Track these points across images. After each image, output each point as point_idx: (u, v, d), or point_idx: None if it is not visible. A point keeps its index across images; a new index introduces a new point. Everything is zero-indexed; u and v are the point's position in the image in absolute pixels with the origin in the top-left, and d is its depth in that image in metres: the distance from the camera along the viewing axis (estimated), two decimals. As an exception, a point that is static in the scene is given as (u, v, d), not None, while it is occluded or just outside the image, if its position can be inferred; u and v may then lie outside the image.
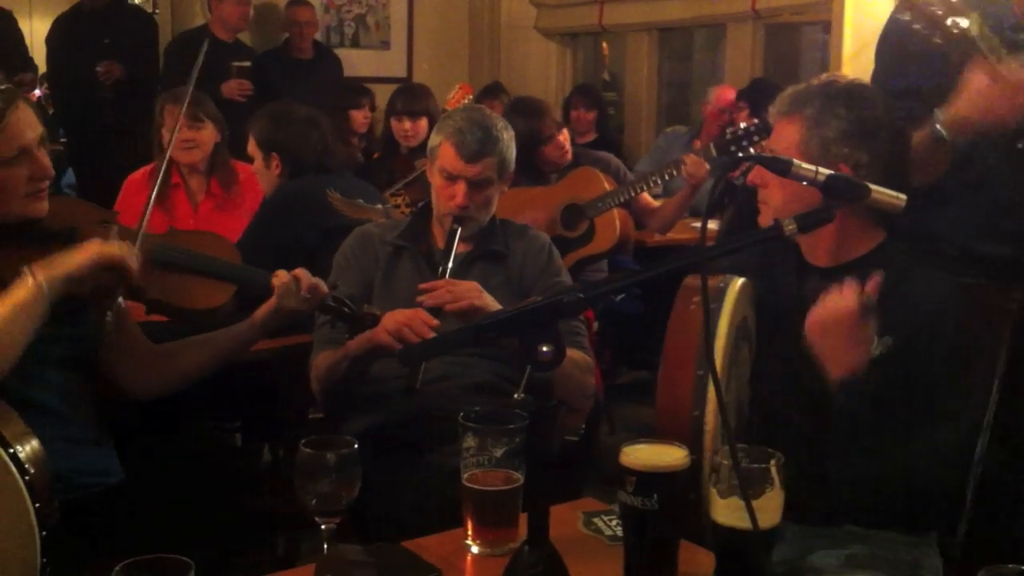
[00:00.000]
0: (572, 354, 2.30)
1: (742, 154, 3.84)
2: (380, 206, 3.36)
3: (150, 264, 2.19)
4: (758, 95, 5.30)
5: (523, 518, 1.62)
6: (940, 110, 2.05)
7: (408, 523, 1.91)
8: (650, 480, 1.46)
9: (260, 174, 3.46)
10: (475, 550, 1.66)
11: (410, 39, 7.13)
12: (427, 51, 7.18)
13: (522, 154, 2.79)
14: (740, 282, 1.84)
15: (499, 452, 1.65)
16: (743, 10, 5.80)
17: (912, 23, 2.00)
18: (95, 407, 2.20)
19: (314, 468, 1.54)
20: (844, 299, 1.74)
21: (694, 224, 4.98)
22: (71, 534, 1.77)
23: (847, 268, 1.97)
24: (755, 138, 3.94)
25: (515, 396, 1.45)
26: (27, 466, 1.47)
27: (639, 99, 6.73)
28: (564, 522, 1.69)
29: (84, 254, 1.97)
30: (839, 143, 1.92)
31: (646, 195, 4.43)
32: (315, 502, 1.55)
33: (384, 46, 7.06)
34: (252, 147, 3.45)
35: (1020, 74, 1.96)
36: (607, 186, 4.27)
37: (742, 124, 4.05)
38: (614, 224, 4.23)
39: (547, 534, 1.38)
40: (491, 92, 6.26)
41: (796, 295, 1.99)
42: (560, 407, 2.54)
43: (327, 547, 1.55)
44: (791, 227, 1.43)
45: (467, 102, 5.13)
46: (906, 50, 2.18)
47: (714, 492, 1.44)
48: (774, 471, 1.43)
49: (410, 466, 2.29)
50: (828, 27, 5.08)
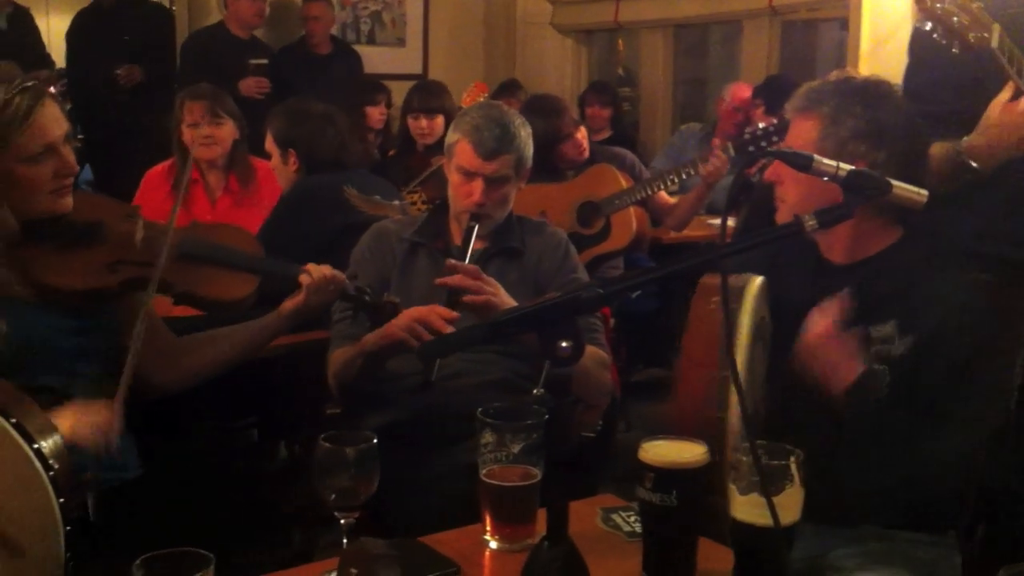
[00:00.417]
0: (589, 350, 2.29)
1: (764, 158, 3.83)
2: (396, 202, 3.37)
3: (178, 258, 2.20)
4: (774, 92, 5.28)
5: (541, 514, 1.63)
6: (968, 137, 2.06)
7: (425, 519, 1.91)
8: (669, 476, 1.46)
9: (277, 170, 3.47)
10: (493, 545, 1.67)
11: (426, 36, 7.13)
12: (443, 48, 7.18)
13: (539, 152, 2.79)
14: (759, 281, 1.83)
15: (517, 448, 1.65)
16: (759, 6, 5.78)
17: (931, 33, 2.00)
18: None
19: (333, 463, 1.54)
20: (822, 318, 1.76)
21: (709, 221, 4.97)
22: (92, 527, 1.78)
23: (864, 265, 1.98)
24: (774, 138, 3.93)
25: (534, 392, 1.45)
26: (51, 461, 1.48)
27: (654, 96, 6.71)
28: (582, 518, 1.69)
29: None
30: (855, 142, 1.92)
31: (662, 192, 4.42)
32: (334, 497, 1.55)
33: (400, 43, 7.06)
34: (269, 143, 3.46)
35: None
36: (623, 183, 4.26)
37: (760, 124, 4.04)
38: (630, 222, 4.22)
39: (566, 530, 1.38)
40: (507, 89, 6.26)
41: (812, 293, 1.99)
42: (578, 403, 2.54)
43: (346, 542, 1.56)
44: (811, 223, 1.43)
45: (482, 99, 5.13)
46: (936, 68, 2.18)
47: (733, 489, 1.44)
48: (794, 468, 1.43)
49: (427, 462, 2.29)
50: (845, 23, 5.05)
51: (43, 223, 2.09)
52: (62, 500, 1.50)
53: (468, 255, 2.48)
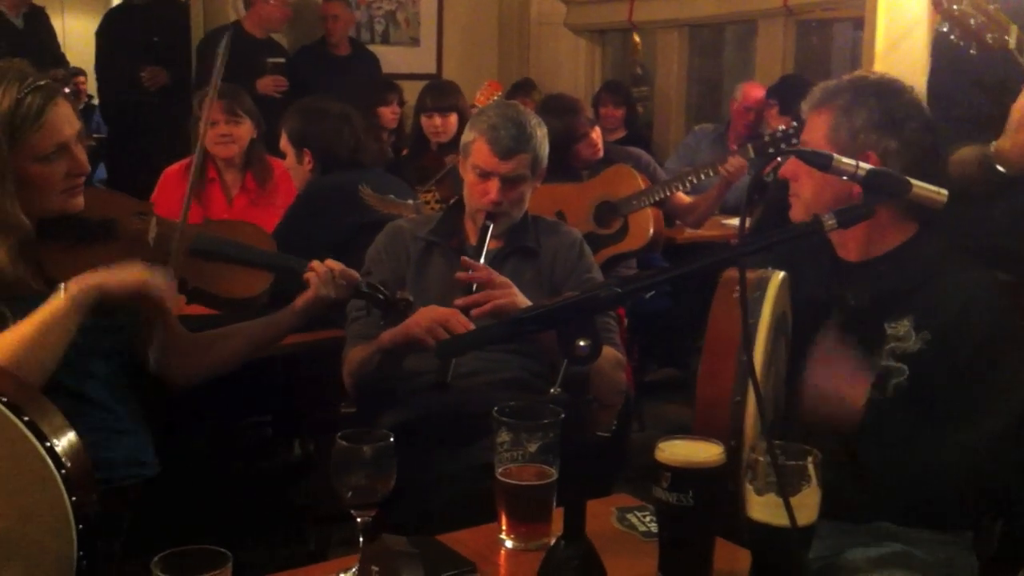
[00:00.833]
0: (604, 350, 2.29)
1: (781, 158, 3.82)
2: (411, 201, 3.37)
3: (190, 254, 2.21)
4: (788, 92, 5.26)
5: (556, 513, 1.63)
6: (996, 142, 2.05)
7: (440, 517, 1.91)
8: (686, 476, 1.45)
9: (292, 170, 3.47)
10: (509, 545, 1.66)
11: (439, 36, 7.13)
12: (456, 48, 7.18)
13: (555, 151, 2.78)
14: (781, 275, 1.82)
15: (533, 447, 1.65)
16: (774, 6, 5.76)
17: (949, 34, 2.00)
18: (137, 398, 2.22)
19: (350, 461, 1.54)
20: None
21: (724, 221, 4.97)
22: (108, 524, 1.79)
23: (879, 261, 1.97)
24: (793, 141, 3.93)
25: (551, 391, 1.45)
26: (64, 459, 1.48)
27: (669, 95, 6.71)
28: (597, 518, 1.68)
29: (126, 278, 1.99)
30: (867, 131, 1.92)
31: (679, 192, 4.42)
32: (351, 495, 1.55)
33: (414, 43, 7.06)
34: (284, 143, 3.46)
35: None
36: (641, 184, 4.25)
37: (781, 127, 4.03)
38: (647, 223, 4.22)
39: (583, 529, 1.37)
40: (522, 88, 6.27)
41: (828, 290, 1.99)
42: (595, 403, 2.54)
43: (363, 540, 1.56)
44: (831, 222, 1.42)
45: (497, 98, 5.13)
46: (960, 71, 2.18)
47: (750, 489, 1.43)
48: (811, 468, 1.43)
49: (442, 460, 2.29)
50: (860, 23, 5.03)
51: (57, 221, 2.09)
52: (74, 499, 1.50)
53: (483, 254, 2.48)
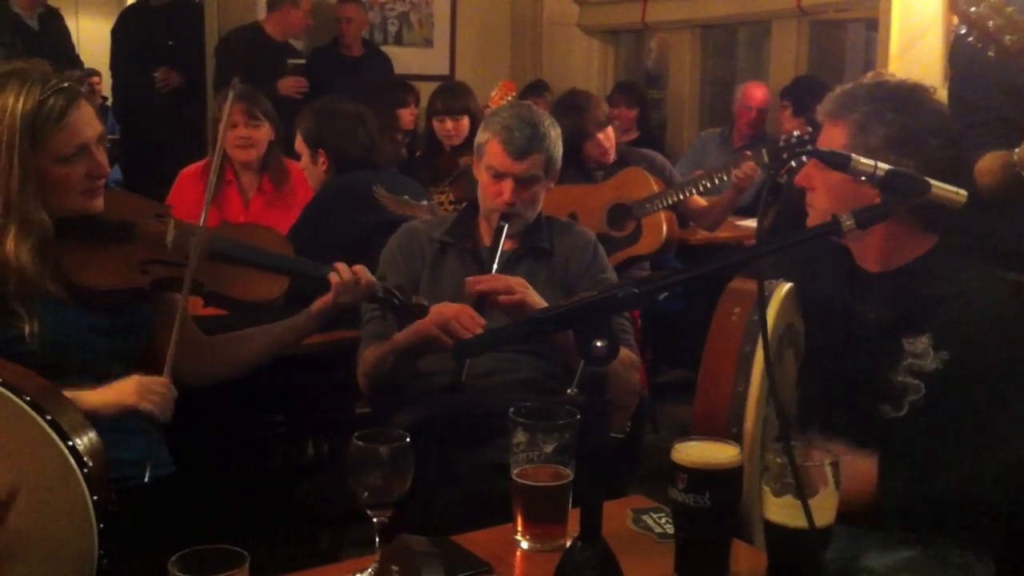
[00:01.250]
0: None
1: (795, 162, 3.80)
2: (425, 202, 3.37)
3: (208, 257, 2.21)
4: (802, 93, 5.26)
5: (572, 514, 1.62)
6: (1019, 148, 2.04)
7: (455, 517, 1.91)
8: (702, 478, 1.45)
9: (307, 170, 3.48)
10: (524, 546, 1.66)
11: (453, 37, 7.14)
12: (470, 48, 7.19)
13: (567, 151, 2.78)
14: (786, 288, 1.80)
15: (549, 448, 1.64)
16: (787, 7, 5.75)
17: (967, 37, 1.99)
18: None
19: (366, 461, 1.54)
20: None
21: (737, 223, 4.95)
22: (125, 525, 1.79)
23: (898, 273, 1.95)
24: (808, 147, 3.90)
25: (568, 391, 1.45)
26: (85, 458, 1.49)
27: (682, 96, 6.70)
28: (612, 519, 1.68)
29: (117, 399, 1.99)
30: (885, 150, 1.84)
31: (695, 195, 4.39)
32: (367, 495, 1.55)
33: (427, 44, 7.07)
34: (299, 144, 3.47)
35: None
36: (654, 187, 4.22)
37: (795, 132, 4.00)
38: (661, 226, 4.20)
39: (600, 530, 1.37)
40: (535, 89, 6.27)
41: (847, 300, 1.97)
42: (611, 403, 2.54)
43: (379, 540, 1.56)
44: (849, 223, 1.42)
45: (510, 99, 5.13)
46: (983, 75, 2.16)
47: (767, 490, 1.43)
48: (829, 470, 1.42)
49: (456, 461, 2.29)
50: (873, 24, 5.02)
51: (75, 222, 2.10)
52: (96, 498, 1.51)
53: (497, 255, 2.48)
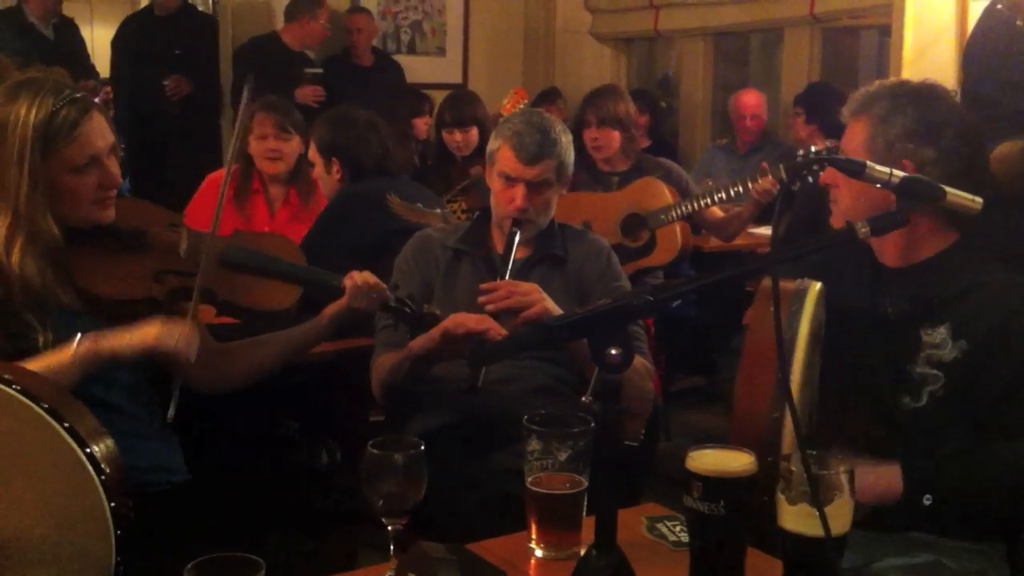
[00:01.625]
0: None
1: (812, 178, 3.78)
2: (439, 210, 3.38)
3: (220, 265, 2.22)
4: (814, 100, 5.26)
5: (587, 522, 1.62)
6: None
7: (469, 525, 1.91)
8: (717, 486, 1.45)
9: (321, 179, 3.49)
10: (539, 553, 1.66)
11: (465, 45, 7.15)
12: (482, 57, 7.20)
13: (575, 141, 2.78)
14: (818, 286, 1.81)
15: (564, 455, 1.64)
16: (801, 14, 5.74)
17: (1004, 11, 1.98)
18: (162, 405, 2.23)
19: (381, 469, 1.54)
20: None
21: (751, 230, 4.93)
22: (140, 532, 1.80)
23: (918, 268, 1.96)
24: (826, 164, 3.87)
25: (583, 399, 1.45)
26: (103, 465, 1.49)
27: (694, 104, 6.70)
28: (627, 527, 1.67)
29: (139, 339, 2.00)
30: (904, 140, 1.90)
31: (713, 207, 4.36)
32: (382, 503, 1.55)
33: (440, 52, 7.08)
34: (313, 153, 3.48)
35: None
36: (669, 197, 4.17)
37: (813, 147, 3.98)
38: (675, 237, 4.16)
39: (615, 538, 1.37)
40: (547, 97, 6.27)
41: (870, 297, 1.98)
42: (626, 411, 2.53)
43: (393, 547, 1.56)
44: (864, 230, 1.42)
45: (523, 106, 5.13)
46: (999, 70, 2.15)
47: (783, 499, 1.43)
48: (844, 478, 1.42)
49: (471, 468, 2.29)
50: (886, 30, 5.02)
51: (87, 231, 2.10)
52: (113, 504, 1.51)
53: (511, 261, 2.48)
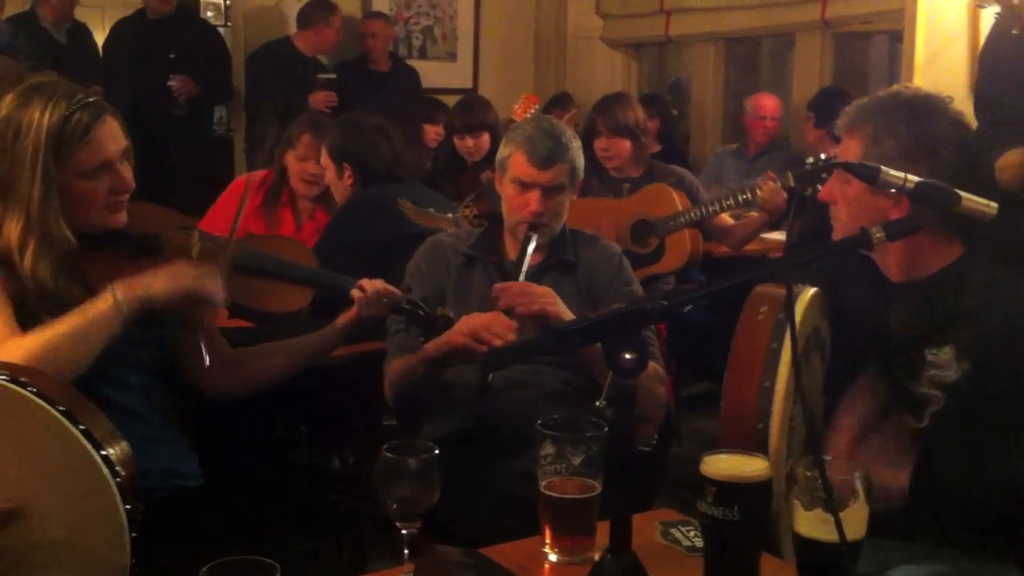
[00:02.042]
0: (646, 364, 2.29)
1: (821, 186, 3.77)
2: (450, 215, 3.38)
3: (233, 269, 2.22)
4: (826, 104, 5.24)
5: (600, 527, 1.62)
6: None
7: (482, 529, 1.91)
8: (731, 491, 1.45)
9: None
10: (552, 558, 1.66)
11: (476, 50, 7.16)
12: (493, 62, 7.21)
13: (585, 149, 2.79)
14: (812, 292, 1.81)
15: (577, 460, 1.64)
16: (812, 19, 5.73)
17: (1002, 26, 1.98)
18: (175, 409, 2.23)
19: (395, 473, 1.54)
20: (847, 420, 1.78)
21: (763, 235, 4.92)
22: (154, 535, 1.80)
23: (923, 284, 1.94)
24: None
25: (596, 404, 1.45)
26: (118, 468, 1.50)
27: (705, 109, 6.69)
28: (641, 532, 1.67)
29: (173, 282, 2.01)
30: (896, 161, 1.84)
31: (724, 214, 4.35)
32: (395, 507, 1.55)
33: (451, 58, 7.09)
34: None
35: None
36: (679, 204, 4.17)
37: (822, 155, 3.97)
38: (685, 244, 4.16)
39: (630, 543, 1.37)
40: (558, 103, 6.26)
41: (873, 309, 1.97)
42: (638, 415, 2.53)
43: (407, 552, 1.56)
44: (879, 235, 1.42)
45: (534, 111, 5.13)
46: (1009, 74, 2.14)
47: (797, 504, 1.43)
48: (859, 484, 1.42)
49: (484, 472, 2.29)
50: (897, 36, 5.01)
51: (100, 235, 2.11)
52: (128, 507, 1.52)
53: (525, 265, 2.48)
